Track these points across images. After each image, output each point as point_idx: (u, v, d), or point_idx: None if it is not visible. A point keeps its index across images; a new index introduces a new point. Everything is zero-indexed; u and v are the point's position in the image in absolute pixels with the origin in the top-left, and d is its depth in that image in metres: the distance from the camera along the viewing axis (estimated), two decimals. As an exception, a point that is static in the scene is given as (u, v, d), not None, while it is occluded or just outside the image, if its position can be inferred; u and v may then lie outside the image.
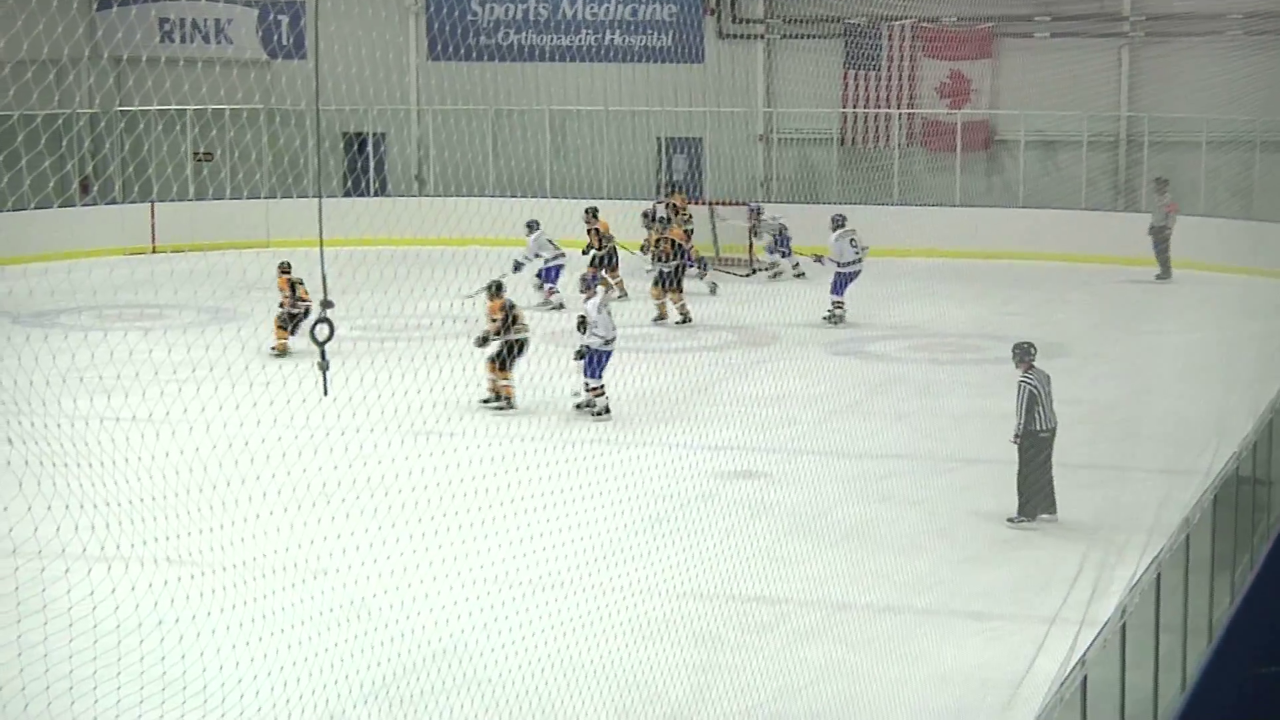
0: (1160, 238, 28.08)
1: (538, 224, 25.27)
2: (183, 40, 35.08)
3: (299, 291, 21.62)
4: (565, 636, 10.71)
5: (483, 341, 18.32)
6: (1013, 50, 31.85)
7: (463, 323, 22.51)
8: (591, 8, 33.96)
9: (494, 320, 18.60)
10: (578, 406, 18.00)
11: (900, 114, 32.04)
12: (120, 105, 31.59)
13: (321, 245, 10.33)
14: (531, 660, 10.36)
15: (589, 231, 25.56)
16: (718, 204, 30.35)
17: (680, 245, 24.23)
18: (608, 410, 17.94)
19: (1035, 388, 14.03)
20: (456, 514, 12.24)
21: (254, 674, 9.56)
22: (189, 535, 11.02)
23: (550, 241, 25.12)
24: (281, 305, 21.80)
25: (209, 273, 26.31)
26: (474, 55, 34.09)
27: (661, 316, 23.87)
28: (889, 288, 26.16)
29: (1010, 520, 13.90)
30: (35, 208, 27.25)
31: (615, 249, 25.67)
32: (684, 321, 23.72)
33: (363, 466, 14.04)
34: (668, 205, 27.44)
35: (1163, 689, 9.77)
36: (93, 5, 34.07)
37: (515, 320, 18.73)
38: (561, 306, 24.28)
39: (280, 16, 34.88)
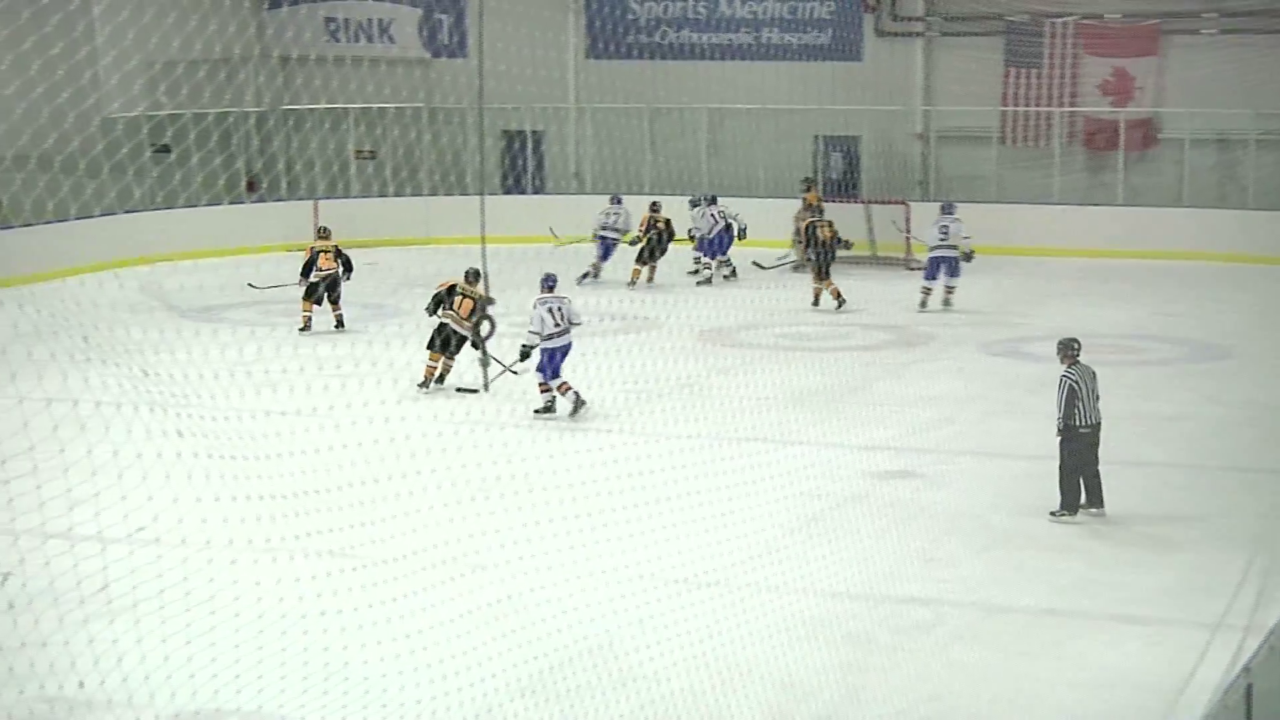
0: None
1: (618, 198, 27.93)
2: (348, 39, 35.64)
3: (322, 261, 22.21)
4: (718, 635, 10.70)
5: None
6: (1178, 47, 31.26)
7: (621, 320, 22.68)
8: (750, 6, 33.94)
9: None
10: (537, 411, 17.38)
11: (1062, 112, 31.62)
12: (286, 104, 32.17)
13: (484, 242, 10.47)
14: (684, 658, 10.34)
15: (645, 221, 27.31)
16: (873, 202, 30.17)
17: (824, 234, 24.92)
18: (550, 409, 17.28)
19: (1076, 383, 13.83)
20: (612, 510, 12.29)
21: (412, 666, 9.70)
22: (350, 528, 11.18)
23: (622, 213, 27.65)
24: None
25: (371, 269, 26.74)
26: (632, 53, 34.24)
27: (816, 302, 24.53)
28: (1048, 288, 25.90)
29: (1052, 514, 13.75)
30: (205, 205, 27.86)
31: (661, 241, 27.10)
32: (840, 305, 24.30)
33: (520, 461, 14.17)
34: (803, 202, 27.96)
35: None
36: (262, 5, 34.71)
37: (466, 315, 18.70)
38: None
39: (442, 16, 35.29)
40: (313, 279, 22.17)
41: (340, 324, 22.20)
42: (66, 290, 18.56)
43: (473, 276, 18.98)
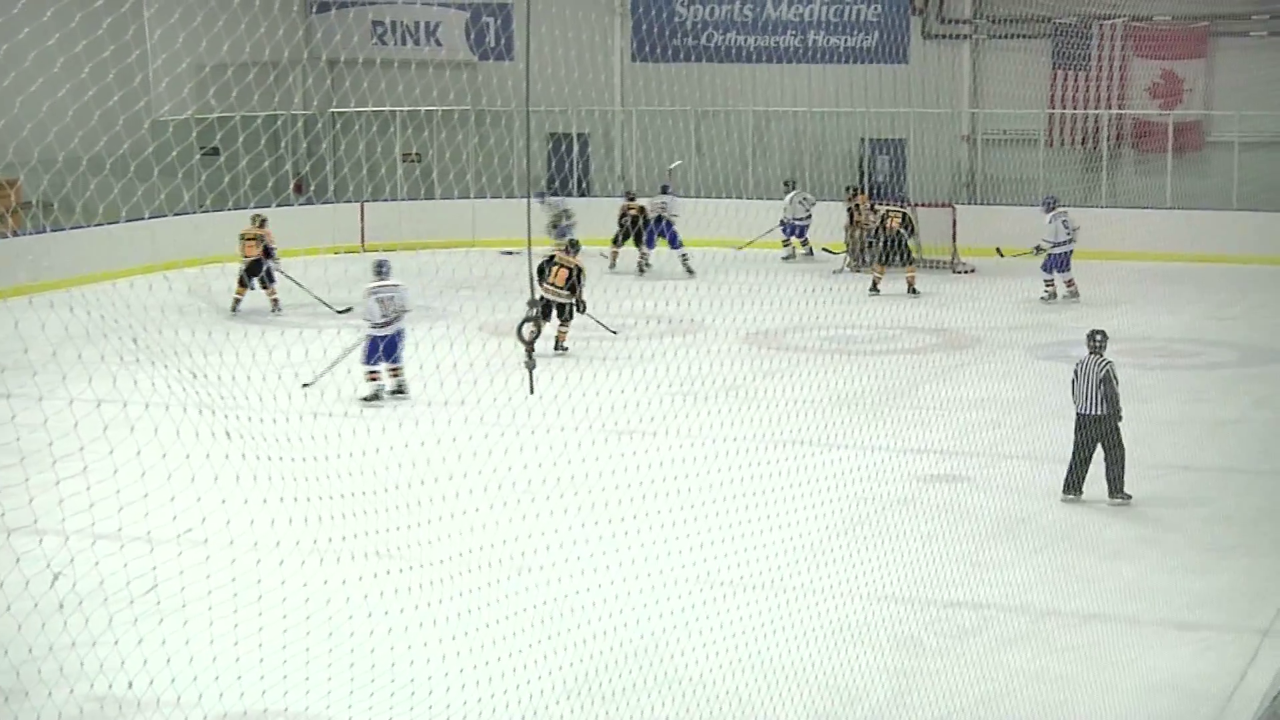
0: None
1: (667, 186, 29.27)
2: (394, 42, 35.76)
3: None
4: (764, 638, 10.69)
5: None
6: (1228, 49, 31.08)
7: (667, 322, 22.67)
8: (796, 8, 33.89)
9: None
10: (364, 399, 17.78)
11: (1110, 114, 31.47)
12: (334, 107, 32.31)
13: (529, 245, 10.48)
14: (730, 660, 10.34)
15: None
16: (919, 205, 30.09)
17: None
18: (379, 396, 17.91)
19: (1075, 371, 14.40)
20: (658, 513, 12.30)
21: (459, 667, 9.70)
22: (397, 530, 11.20)
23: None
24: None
25: (418, 271, 26.76)
26: (678, 56, 34.26)
27: (874, 288, 26.35)
28: (1097, 291, 25.74)
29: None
30: (254, 207, 27.97)
31: (636, 226, 28.75)
32: (912, 292, 26.16)
33: (566, 464, 14.17)
34: (850, 207, 28.98)
35: (1380, 706, 9.48)
36: (310, 8, 34.87)
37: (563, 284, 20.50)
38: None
39: (489, 19, 35.38)
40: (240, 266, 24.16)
41: (276, 307, 24.14)
42: (116, 292, 18.64)
43: (572, 248, 20.83)
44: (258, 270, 24.31)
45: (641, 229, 28.74)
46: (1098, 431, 14.16)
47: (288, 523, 10.76)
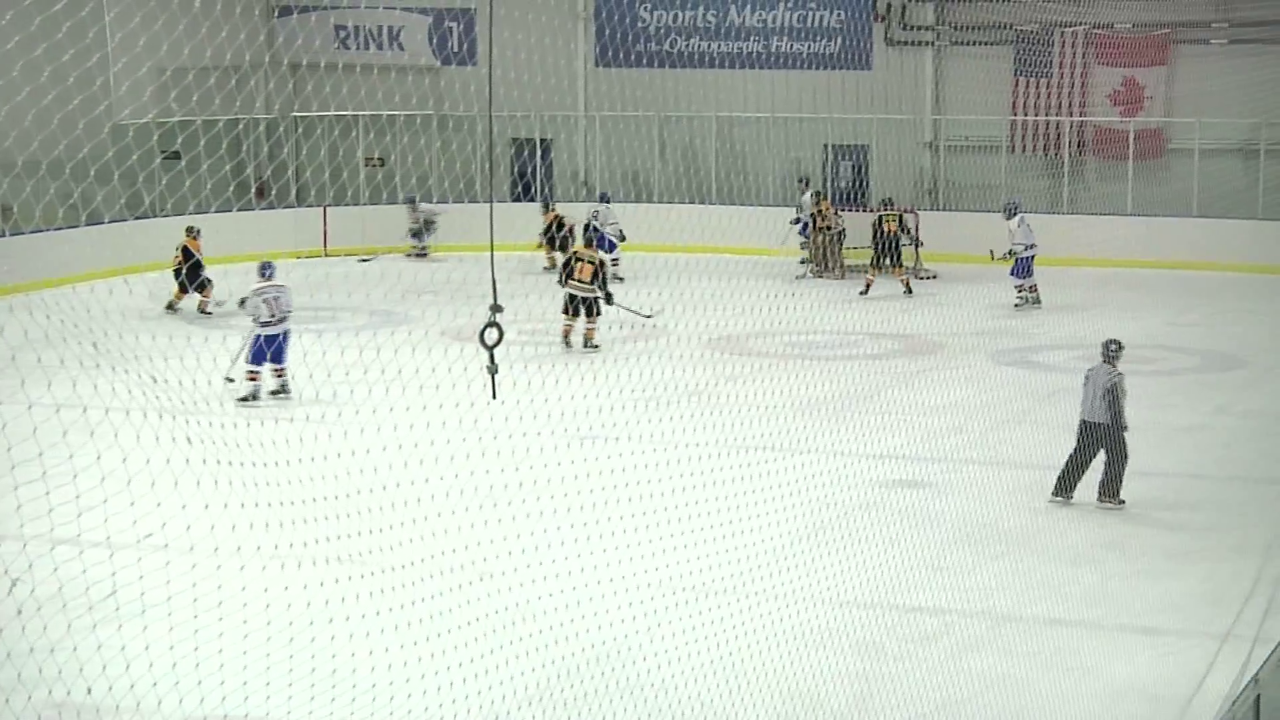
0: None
1: None
2: (357, 47, 35.68)
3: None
4: (727, 643, 10.67)
5: None
6: (1188, 57, 31.27)
7: (629, 328, 22.66)
8: (759, 14, 33.95)
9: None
10: (241, 399, 17.75)
11: (1071, 121, 31.61)
12: (296, 111, 32.21)
13: (492, 250, 10.44)
14: (693, 666, 10.31)
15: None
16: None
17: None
18: (256, 396, 17.88)
19: (1087, 375, 14.52)
20: (621, 518, 12.25)
21: (420, 673, 9.65)
22: (358, 535, 11.15)
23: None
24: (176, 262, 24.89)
25: (380, 276, 26.74)
26: (642, 61, 34.26)
27: (865, 290, 26.67)
28: (1059, 297, 25.83)
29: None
30: (215, 211, 27.88)
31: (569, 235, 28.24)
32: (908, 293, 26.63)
33: (529, 470, 14.15)
34: (815, 212, 29.00)
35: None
36: (273, 12, 34.75)
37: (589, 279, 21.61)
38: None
39: (452, 23, 35.33)
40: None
41: (203, 310, 24.84)
42: (76, 296, 18.57)
43: (589, 240, 22.52)
44: (196, 274, 24.88)
45: (554, 235, 28.61)
46: (1096, 438, 14.26)
47: (248, 528, 10.74)
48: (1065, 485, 14.38)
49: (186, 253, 24.99)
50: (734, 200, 31.65)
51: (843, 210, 29.37)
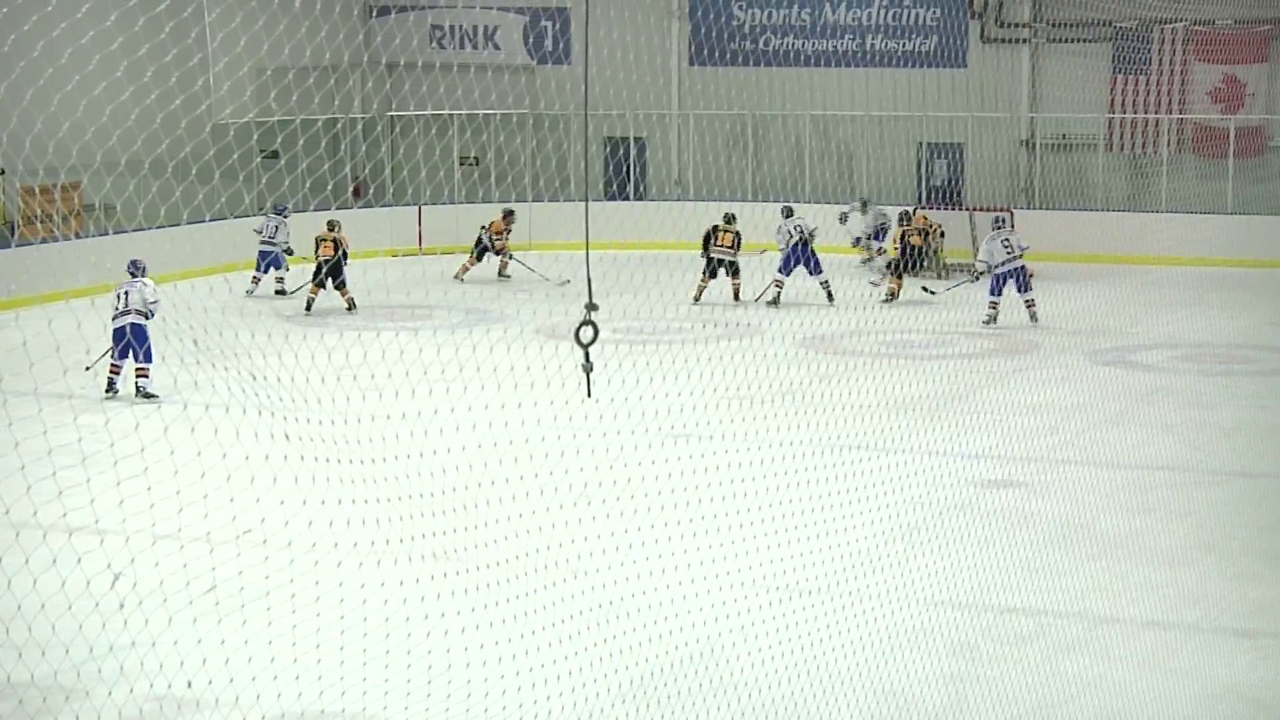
0: None
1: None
2: (453, 46, 35.86)
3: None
4: (820, 643, 10.61)
5: None
6: (1292, 53, 30.84)
7: (722, 326, 22.66)
8: (854, 12, 33.81)
9: None
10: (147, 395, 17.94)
11: (1170, 119, 31.24)
12: (393, 110, 32.44)
13: (587, 248, 10.46)
14: (785, 665, 10.28)
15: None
16: (977, 210, 29.96)
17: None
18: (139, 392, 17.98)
19: None
20: (714, 517, 12.27)
21: (515, 670, 9.70)
22: (453, 532, 11.20)
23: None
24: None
25: (474, 274, 26.87)
26: (735, 60, 34.21)
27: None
28: (1157, 296, 25.56)
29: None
30: (313, 210, 28.13)
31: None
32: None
33: (623, 468, 14.16)
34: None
35: None
36: (370, 12, 35.00)
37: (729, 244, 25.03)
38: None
39: (547, 23, 35.42)
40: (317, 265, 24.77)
41: (351, 306, 24.68)
42: (177, 294, 18.76)
43: (728, 219, 25.55)
44: (337, 272, 24.71)
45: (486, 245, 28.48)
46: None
47: (345, 524, 10.83)
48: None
49: (334, 245, 24.86)
50: (826, 199, 31.53)
51: (937, 209, 29.18)
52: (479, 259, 28.24)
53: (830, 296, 25.31)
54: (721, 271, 25.65)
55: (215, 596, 10.01)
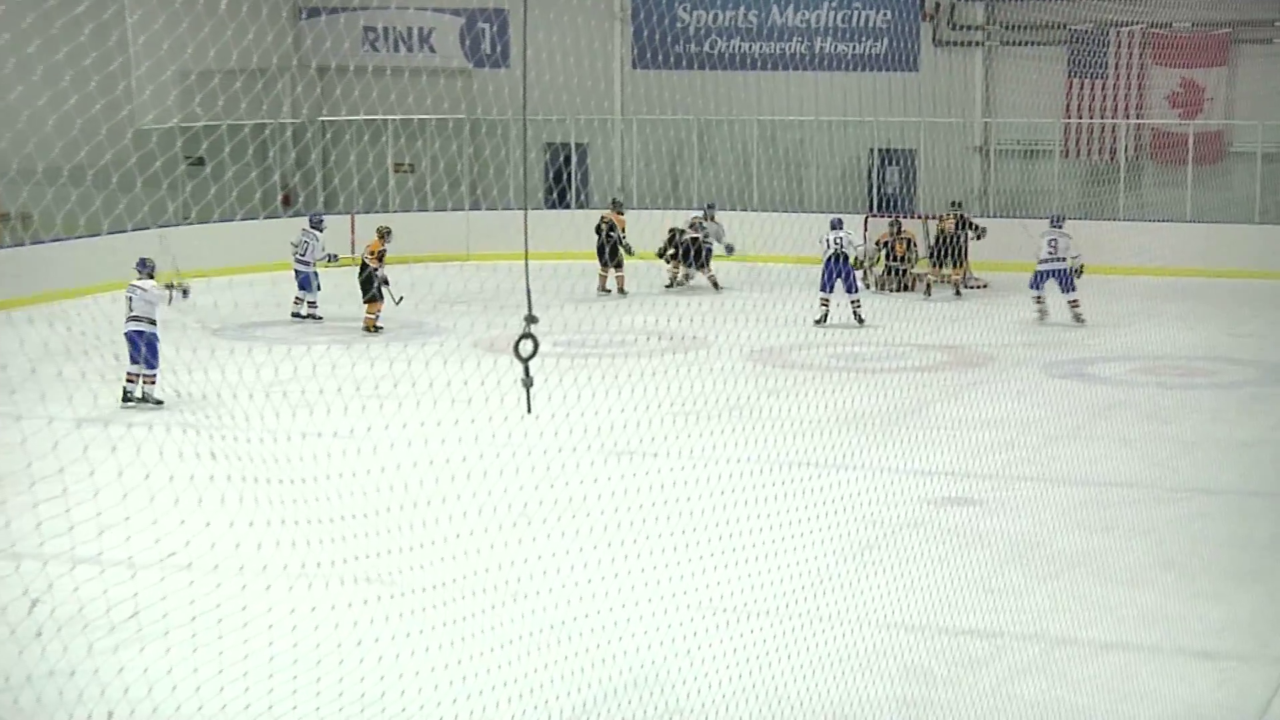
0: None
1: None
2: (387, 49, 35.41)
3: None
4: (769, 667, 10.40)
5: None
6: (1250, 57, 30.80)
7: (667, 339, 22.38)
8: (802, 14, 33.59)
9: None
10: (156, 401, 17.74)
11: (1127, 124, 31.16)
12: (324, 115, 32.03)
13: (526, 258, 10.17)
14: (734, 690, 10.08)
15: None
16: (930, 218, 29.80)
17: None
18: (144, 399, 17.71)
19: None
20: (659, 536, 12.05)
21: (451, 698, 9.48)
22: (388, 554, 11.03)
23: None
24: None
25: (411, 285, 26.47)
26: (680, 64, 33.96)
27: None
28: (1113, 307, 25.45)
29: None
30: (241, 219, 27.68)
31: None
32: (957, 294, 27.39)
33: (564, 486, 13.95)
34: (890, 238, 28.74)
35: None
36: (300, 14, 34.53)
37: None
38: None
39: (484, 25, 35.03)
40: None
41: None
42: (98, 307, 18.47)
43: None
44: (369, 286, 23.64)
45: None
46: None
47: (274, 546, 10.61)
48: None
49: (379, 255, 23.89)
50: (775, 208, 31.33)
51: (882, 217, 29.18)
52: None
53: (860, 319, 24.63)
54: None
55: (138, 623, 9.73)
